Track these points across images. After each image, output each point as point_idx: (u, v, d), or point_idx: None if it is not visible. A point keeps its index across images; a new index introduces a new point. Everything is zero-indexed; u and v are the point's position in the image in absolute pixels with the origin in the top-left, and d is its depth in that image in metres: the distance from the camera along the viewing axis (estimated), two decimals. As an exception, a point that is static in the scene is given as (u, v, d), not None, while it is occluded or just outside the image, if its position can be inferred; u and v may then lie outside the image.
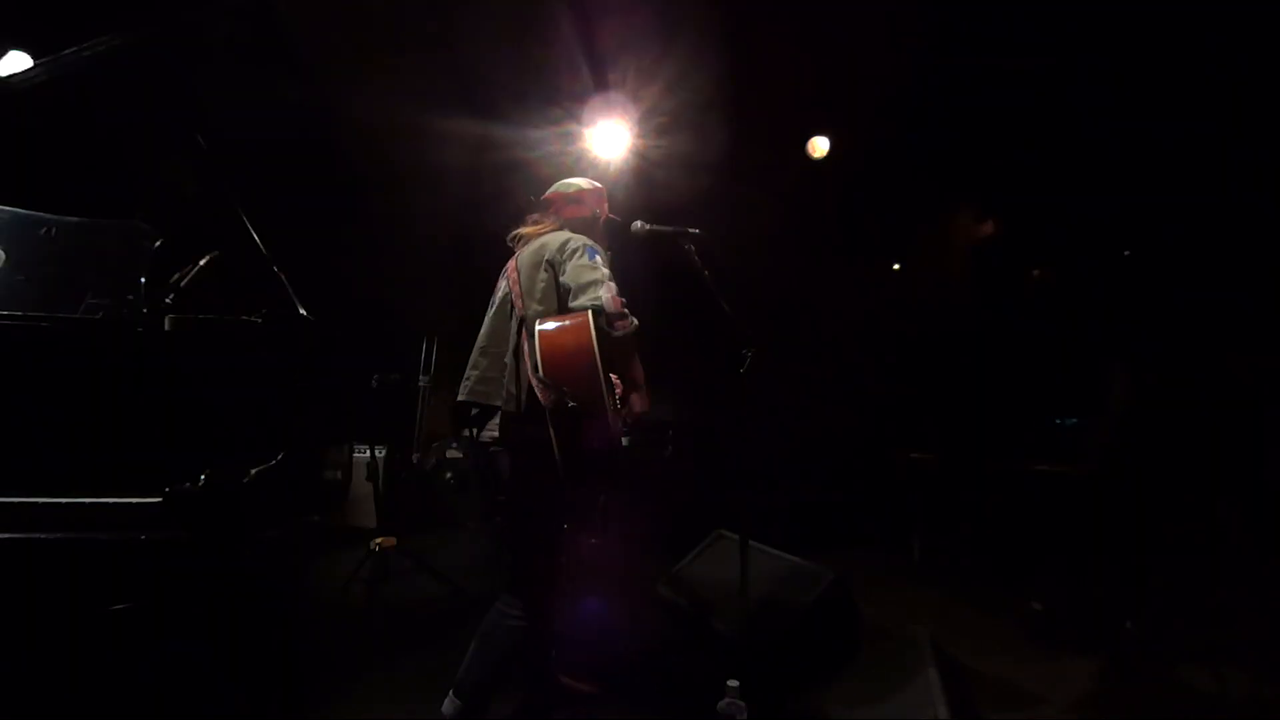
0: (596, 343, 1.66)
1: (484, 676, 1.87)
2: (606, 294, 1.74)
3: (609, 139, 4.01)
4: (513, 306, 1.92)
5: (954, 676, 2.13)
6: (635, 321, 1.79)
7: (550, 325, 1.72)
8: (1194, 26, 3.23)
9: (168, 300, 1.66)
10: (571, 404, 1.61)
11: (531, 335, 1.74)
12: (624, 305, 1.76)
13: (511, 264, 2.01)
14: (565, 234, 1.94)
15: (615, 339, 1.76)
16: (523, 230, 2.10)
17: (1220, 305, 3.48)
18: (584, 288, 1.77)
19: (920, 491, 4.12)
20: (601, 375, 1.64)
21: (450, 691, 1.86)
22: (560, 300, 1.84)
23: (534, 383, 1.70)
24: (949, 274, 5.27)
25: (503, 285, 2.01)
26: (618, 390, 1.95)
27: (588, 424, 1.62)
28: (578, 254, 1.84)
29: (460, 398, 1.95)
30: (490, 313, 2.02)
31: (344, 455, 4.41)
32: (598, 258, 1.83)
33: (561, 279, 1.83)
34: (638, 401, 1.97)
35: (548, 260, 1.88)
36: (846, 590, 2.43)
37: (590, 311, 1.73)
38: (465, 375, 1.97)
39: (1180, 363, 3.42)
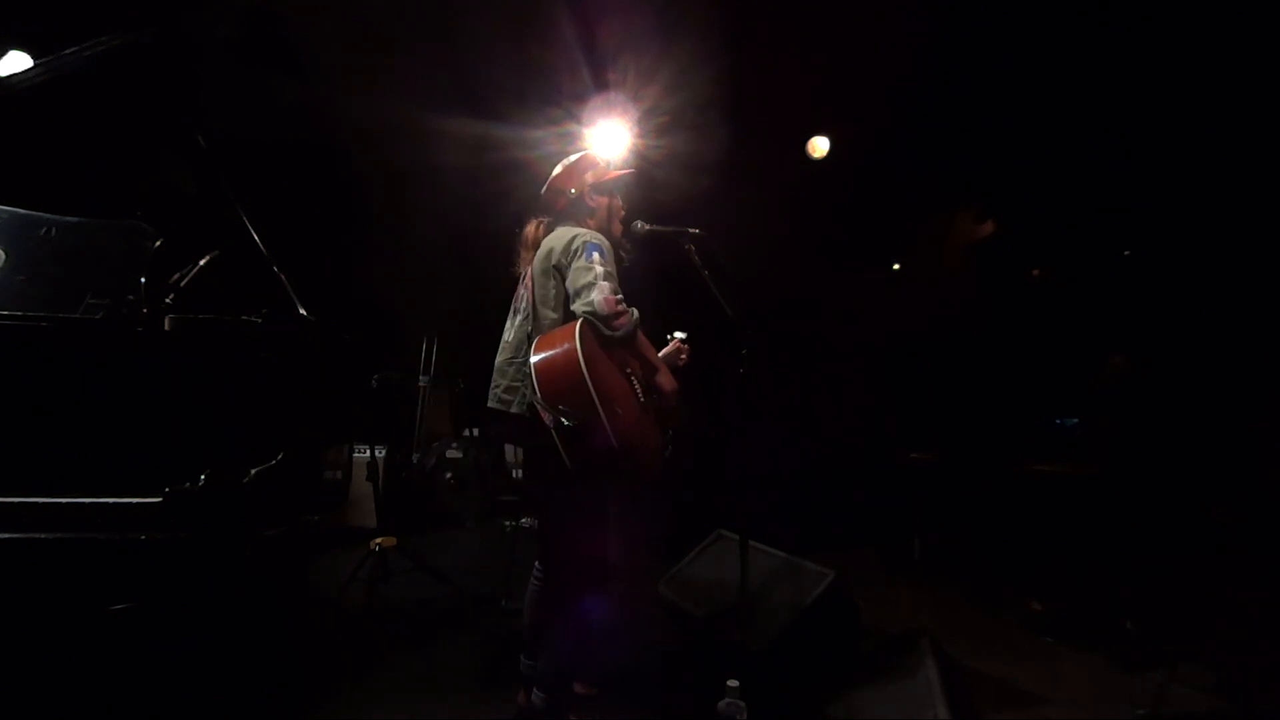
0: (583, 358, 1.64)
1: (550, 659, 1.91)
2: (598, 296, 1.72)
3: (609, 139, 4.01)
4: (533, 316, 1.93)
5: (954, 676, 2.13)
6: (635, 313, 1.78)
7: (541, 355, 1.72)
8: (1194, 27, 3.23)
9: (168, 300, 1.66)
10: (569, 422, 1.62)
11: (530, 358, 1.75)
12: (618, 302, 1.74)
13: (528, 271, 1.99)
14: (571, 231, 1.90)
15: (618, 339, 1.75)
16: (528, 234, 2.09)
17: (1220, 305, 3.48)
18: (579, 293, 1.76)
19: (920, 491, 4.11)
20: (592, 388, 1.63)
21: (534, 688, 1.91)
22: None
23: (536, 405, 1.72)
24: (949, 274, 5.26)
25: (523, 294, 2.00)
26: (636, 387, 1.92)
27: (590, 432, 1.64)
28: (578, 254, 1.82)
29: (489, 404, 1.99)
30: (515, 321, 2.01)
31: (344, 455, 4.41)
32: (595, 255, 1.79)
33: (567, 284, 1.82)
34: (665, 381, 1.97)
35: (554, 266, 1.87)
36: (846, 590, 2.42)
37: (580, 323, 1.72)
38: (493, 383, 1.99)
39: (1180, 362, 3.42)
